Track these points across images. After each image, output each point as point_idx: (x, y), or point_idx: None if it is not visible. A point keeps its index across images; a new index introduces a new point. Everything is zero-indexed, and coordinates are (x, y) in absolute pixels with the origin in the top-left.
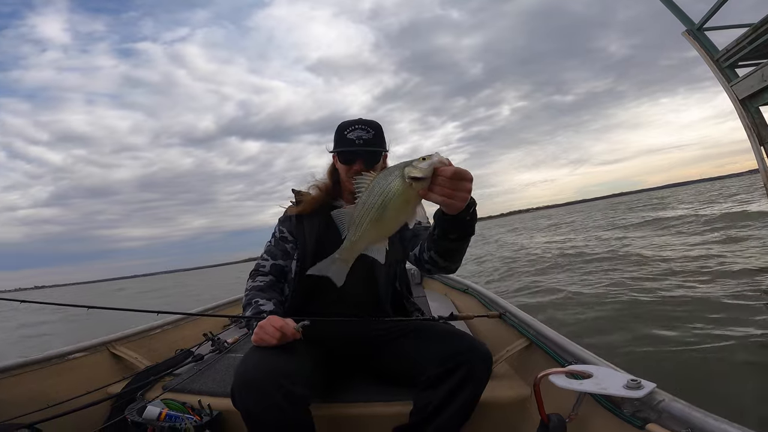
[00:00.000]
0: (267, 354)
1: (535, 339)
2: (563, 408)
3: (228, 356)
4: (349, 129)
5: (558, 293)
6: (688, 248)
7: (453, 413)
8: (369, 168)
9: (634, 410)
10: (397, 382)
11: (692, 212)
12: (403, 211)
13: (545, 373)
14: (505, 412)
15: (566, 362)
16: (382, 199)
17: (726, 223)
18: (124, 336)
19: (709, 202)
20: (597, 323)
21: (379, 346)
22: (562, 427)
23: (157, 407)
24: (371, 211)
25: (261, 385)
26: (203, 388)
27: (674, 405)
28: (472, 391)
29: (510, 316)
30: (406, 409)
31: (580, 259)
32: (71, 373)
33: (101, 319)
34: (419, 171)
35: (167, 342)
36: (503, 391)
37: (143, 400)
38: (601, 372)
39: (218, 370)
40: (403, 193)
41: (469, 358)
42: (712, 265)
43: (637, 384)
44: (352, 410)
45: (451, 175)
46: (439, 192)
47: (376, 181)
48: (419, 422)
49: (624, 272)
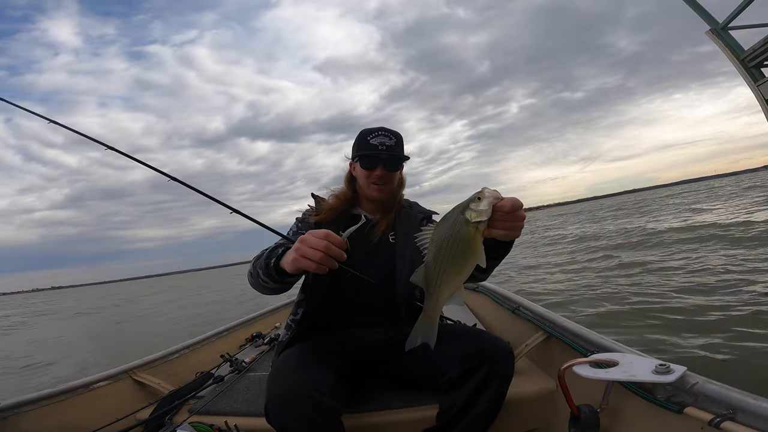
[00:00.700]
0: (295, 365)
1: (553, 331)
2: (592, 398)
3: (247, 375)
4: (372, 135)
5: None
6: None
7: (479, 412)
8: (391, 173)
9: (668, 395)
10: (419, 386)
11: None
12: (475, 256)
13: (569, 365)
14: (531, 407)
15: (588, 352)
16: (454, 250)
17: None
18: (144, 363)
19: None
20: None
21: (398, 351)
22: (595, 417)
23: (185, 431)
24: (446, 264)
25: (292, 398)
26: (228, 408)
27: (710, 387)
28: (497, 389)
29: (524, 311)
30: (432, 412)
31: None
32: (97, 402)
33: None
34: (482, 214)
35: (186, 366)
36: (527, 387)
37: (172, 424)
38: (626, 359)
39: (239, 390)
40: (472, 239)
41: (491, 355)
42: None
43: (666, 368)
44: (379, 418)
45: (509, 209)
46: (500, 227)
47: (439, 232)
48: (446, 424)
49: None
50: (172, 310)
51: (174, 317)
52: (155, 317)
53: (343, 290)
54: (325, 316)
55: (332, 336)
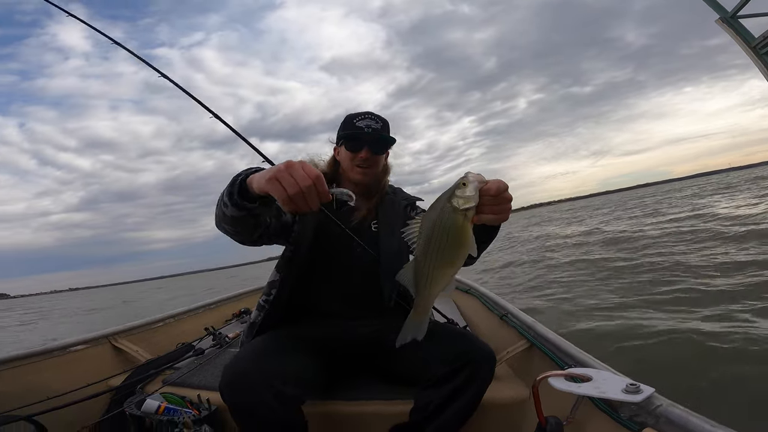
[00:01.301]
0: (260, 353)
1: (536, 341)
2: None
3: (229, 351)
4: (358, 118)
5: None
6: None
7: (454, 413)
8: (376, 155)
9: (631, 414)
10: (400, 381)
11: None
12: (466, 245)
13: (544, 376)
14: (503, 413)
15: (566, 365)
16: (444, 241)
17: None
18: (126, 329)
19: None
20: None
21: (381, 345)
22: (560, 429)
23: (156, 401)
24: (437, 257)
25: (251, 384)
26: (203, 382)
27: (672, 410)
28: (475, 391)
29: (511, 318)
30: (406, 407)
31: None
32: (72, 365)
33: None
34: (470, 200)
35: (169, 336)
36: (502, 392)
37: (143, 393)
38: (600, 375)
39: (218, 364)
40: (462, 227)
41: (474, 357)
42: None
43: (636, 388)
44: (351, 408)
45: (495, 191)
46: (489, 212)
47: (428, 224)
48: (419, 421)
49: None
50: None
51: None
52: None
53: (326, 277)
54: (305, 305)
55: (312, 326)
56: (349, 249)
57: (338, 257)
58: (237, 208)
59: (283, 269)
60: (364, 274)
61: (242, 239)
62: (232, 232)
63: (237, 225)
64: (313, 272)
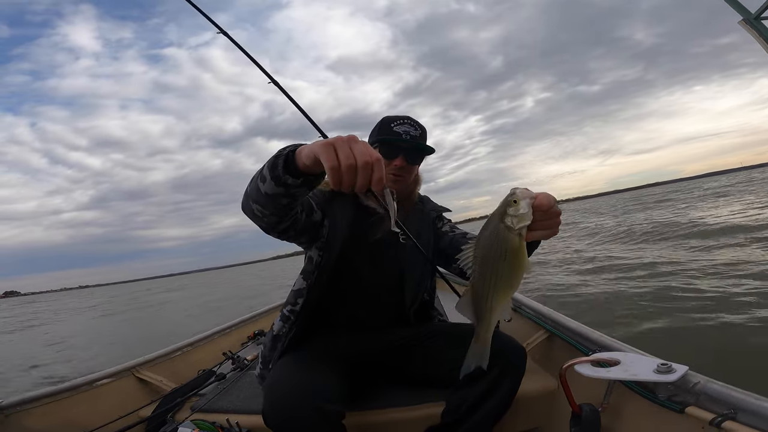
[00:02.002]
0: (295, 371)
1: (555, 330)
2: (594, 397)
3: (249, 373)
4: (396, 122)
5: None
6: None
7: (487, 411)
8: (411, 165)
9: (669, 394)
10: (428, 384)
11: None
12: (524, 265)
13: (570, 363)
14: (533, 406)
15: (590, 351)
16: (503, 262)
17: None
18: (147, 360)
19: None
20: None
21: (406, 351)
22: (596, 416)
23: (188, 428)
24: (496, 281)
25: (294, 407)
26: (229, 406)
27: (711, 386)
28: (509, 387)
29: (526, 309)
30: (437, 410)
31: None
32: (100, 399)
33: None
34: (524, 218)
35: (189, 363)
36: (529, 385)
37: (174, 422)
38: (628, 358)
39: (242, 387)
40: (519, 248)
41: (505, 355)
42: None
43: (668, 368)
44: (383, 416)
45: (547, 206)
46: (541, 228)
47: (482, 248)
48: (452, 423)
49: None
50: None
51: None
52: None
53: (353, 285)
54: (330, 315)
55: (338, 337)
56: (376, 258)
57: (365, 265)
58: (275, 183)
59: (311, 276)
60: (388, 286)
61: (268, 223)
62: (260, 213)
63: (268, 205)
64: (340, 280)
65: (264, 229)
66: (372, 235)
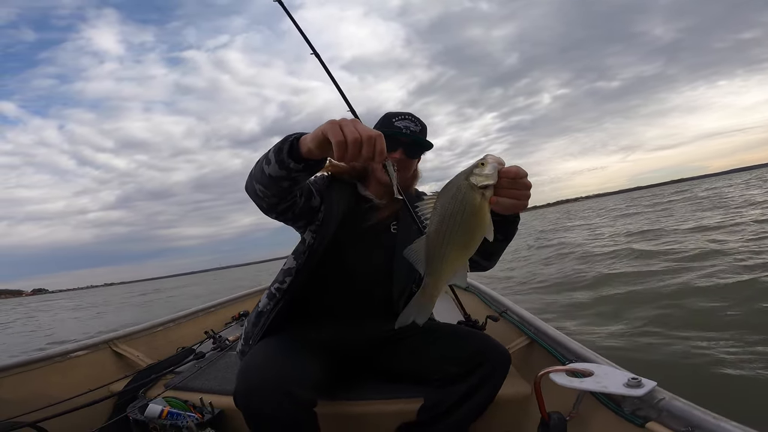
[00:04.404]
0: (272, 356)
1: (536, 337)
2: (564, 406)
3: (229, 354)
4: (397, 118)
5: None
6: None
7: (467, 412)
8: (410, 159)
9: (634, 408)
10: (408, 379)
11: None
12: (483, 226)
13: (546, 371)
14: (505, 410)
15: (567, 360)
16: (461, 218)
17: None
18: (127, 334)
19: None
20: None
21: (389, 345)
22: (563, 425)
23: (159, 405)
24: (451, 236)
25: (266, 391)
26: (205, 385)
27: (674, 404)
28: (489, 391)
29: (511, 314)
30: (413, 406)
31: None
32: (73, 371)
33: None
34: (488, 177)
35: (169, 340)
36: (504, 390)
37: (145, 398)
38: (601, 370)
39: (220, 367)
40: (479, 206)
41: (490, 357)
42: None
43: (638, 382)
44: (357, 408)
45: (515, 174)
46: (507, 195)
47: (443, 201)
48: (428, 420)
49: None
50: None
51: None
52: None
53: (340, 272)
54: (314, 301)
55: (321, 326)
56: (367, 247)
57: (355, 254)
58: (279, 166)
59: (302, 256)
60: (377, 276)
61: (268, 205)
62: (262, 194)
63: (271, 187)
64: (328, 265)
65: (264, 210)
66: (365, 221)
